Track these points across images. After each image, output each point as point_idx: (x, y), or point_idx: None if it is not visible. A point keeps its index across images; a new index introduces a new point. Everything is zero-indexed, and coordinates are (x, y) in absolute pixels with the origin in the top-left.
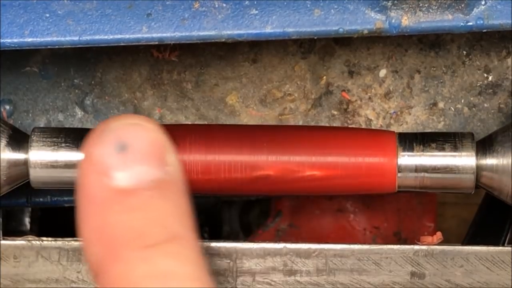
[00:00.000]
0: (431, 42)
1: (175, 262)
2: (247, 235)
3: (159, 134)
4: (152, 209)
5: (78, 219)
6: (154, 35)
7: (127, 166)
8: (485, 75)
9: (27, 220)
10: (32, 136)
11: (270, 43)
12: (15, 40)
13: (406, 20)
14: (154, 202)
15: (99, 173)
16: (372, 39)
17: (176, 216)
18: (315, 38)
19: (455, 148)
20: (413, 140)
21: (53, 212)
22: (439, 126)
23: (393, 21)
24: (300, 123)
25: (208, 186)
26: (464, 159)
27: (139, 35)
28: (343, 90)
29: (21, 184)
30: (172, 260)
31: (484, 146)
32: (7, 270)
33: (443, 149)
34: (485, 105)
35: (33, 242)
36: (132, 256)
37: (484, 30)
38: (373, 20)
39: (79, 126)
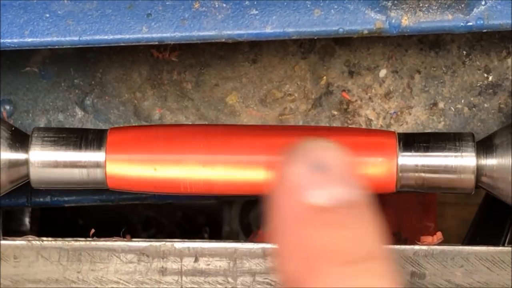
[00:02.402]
0: (431, 42)
1: (376, 280)
2: (247, 235)
3: (349, 157)
4: (350, 227)
5: (273, 235)
6: (154, 35)
7: (325, 185)
8: (485, 75)
9: (27, 220)
10: (32, 136)
11: (270, 43)
12: (15, 40)
13: (406, 20)
14: (351, 220)
15: (297, 191)
16: (372, 39)
17: (371, 236)
18: (315, 38)
19: (455, 148)
20: (413, 140)
21: (53, 212)
22: (439, 126)
23: (393, 21)
24: (300, 123)
25: (209, 186)
26: (464, 159)
27: (139, 35)
28: (343, 90)
29: (21, 184)
30: (373, 277)
31: (484, 146)
32: (7, 270)
33: (443, 149)
34: (485, 105)
35: (33, 242)
36: (332, 271)
37: (484, 30)
38: (373, 20)
39: (79, 126)
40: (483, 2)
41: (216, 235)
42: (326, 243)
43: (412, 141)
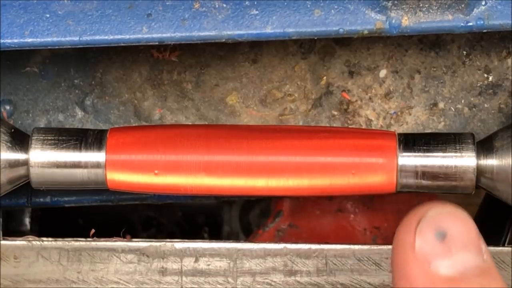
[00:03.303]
0: (431, 42)
1: None
2: (247, 235)
3: (472, 222)
4: None
5: None
6: (154, 35)
7: (450, 254)
8: (485, 75)
9: (27, 220)
10: (32, 136)
11: (271, 43)
12: (15, 41)
13: (406, 20)
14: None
15: (423, 261)
16: (372, 39)
17: None
18: (315, 38)
19: (455, 149)
20: (413, 141)
21: (53, 212)
22: (440, 126)
23: (393, 21)
24: (300, 123)
25: (209, 187)
26: (465, 160)
27: (139, 36)
28: (343, 90)
29: (21, 184)
30: None
31: (485, 146)
32: (7, 270)
33: (443, 150)
34: (486, 105)
35: (33, 242)
36: None
37: (484, 31)
38: (373, 21)
39: (79, 126)
40: (483, 2)
41: (216, 235)
42: None
43: (412, 142)
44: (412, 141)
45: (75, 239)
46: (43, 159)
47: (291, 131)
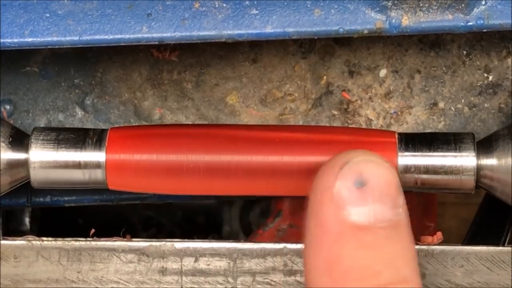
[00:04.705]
0: (431, 42)
1: None
2: (247, 235)
3: (394, 174)
4: (386, 250)
5: (307, 245)
6: (154, 35)
7: (365, 203)
8: (485, 75)
9: (27, 220)
10: (32, 136)
11: (270, 43)
12: (15, 40)
13: (406, 20)
14: (388, 242)
15: (337, 206)
16: (372, 39)
17: (406, 259)
18: (315, 38)
19: (455, 148)
20: (413, 140)
21: (53, 212)
22: (440, 126)
23: (393, 21)
24: (300, 123)
25: (209, 187)
26: (465, 159)
27: (139, 35)
28: (344, 90)
29: (21, 184)
30: None
31: (485, 146)
32: (7, 270)
33: (443, 149)
34: (486, 105)
35: (33, 242)
36: None
37: (484, 30)
38: (373, 20)
39: (80, 126)
40: (483, 2)
41: (216, 235)
42: (360, 264)
43: (412, 141)
44: (412, 141)
45: (75, 239)
46: (43, 158)
47: (291, 131)
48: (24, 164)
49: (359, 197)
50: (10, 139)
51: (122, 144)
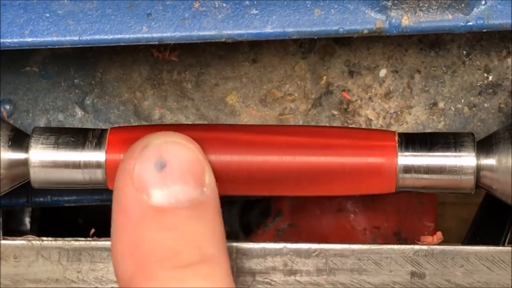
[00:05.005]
0: (431, 42)
1: (207, 284)
2: (247, 235)
3: (198, 154)
4: (187, 230)
5: (112, 231)
6: (154, 35)
7: (166, 185)
8: (485, 75)
9: (27, 220)
10: (32, 136)
11: (270, 43)
12: (15, 40)
13: (406, 20)
14: (189, 222)
15: (137, 189)
16: (372, 39)
17: (210, 238)
18: (315, 38)
19: (455, 148)
20: (413, 140)
21: (53, 212)
22: (439, 126)
23: (393, 21)
24: (300, 123)
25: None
26: (464, 159)
27: (139, 35)
28: (343, 90)
29: (21, 184)
30: (204, 281)
31: (484, 146)
32: (7, 270)
33: (443, 149)
34: (485, 105)
35: (33, 242)
36: (164, 276)
37: (484, 30)
38: (373, 20)
39: (79, 126)
40: (483, 2)
41: None
42: (160, 246)
43: (412, 141)
44: (412, 141)
45: (75, 238)
46: (43, 158)
47: (291, 131)
48: (24, 164)
49: (159, 179)
50: (10, 139)
51: (122, 144)
